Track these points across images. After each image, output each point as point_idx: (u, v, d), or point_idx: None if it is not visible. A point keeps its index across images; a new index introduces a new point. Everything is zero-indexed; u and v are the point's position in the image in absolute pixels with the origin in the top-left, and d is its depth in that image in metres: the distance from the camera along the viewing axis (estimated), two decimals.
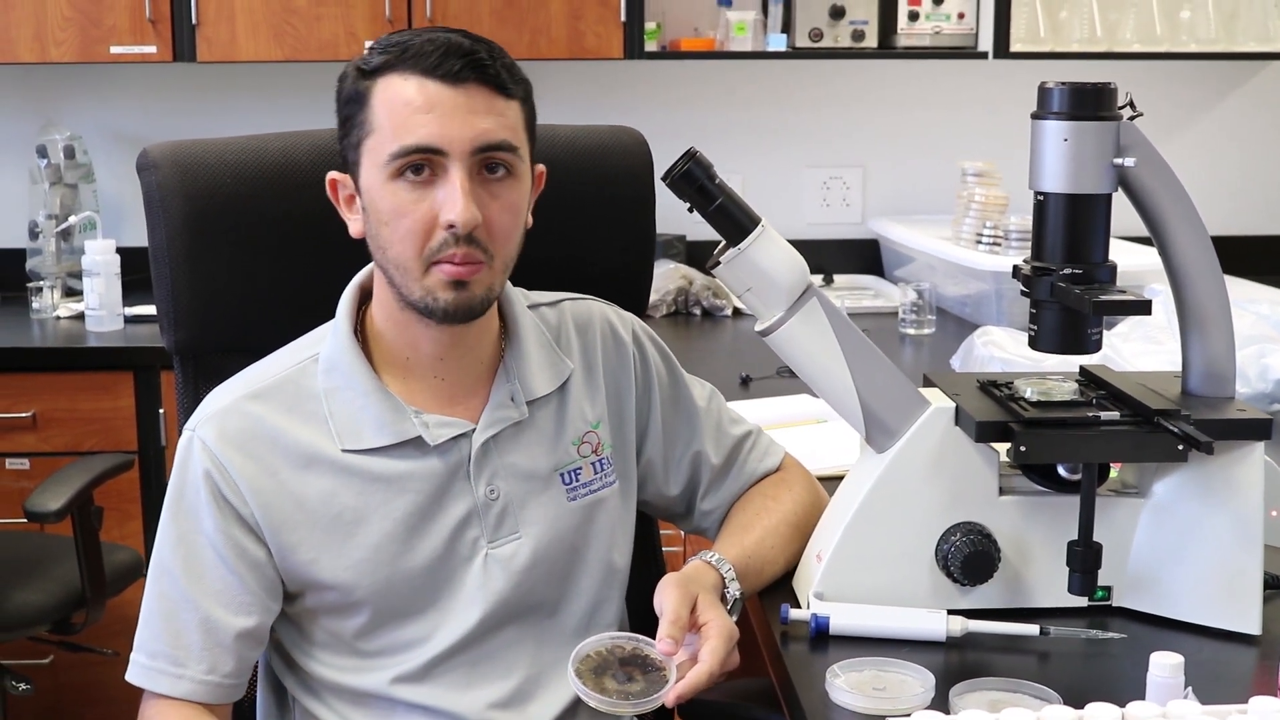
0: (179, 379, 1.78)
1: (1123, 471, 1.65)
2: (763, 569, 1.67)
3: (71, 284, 3.55)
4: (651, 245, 1.93)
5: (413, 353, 1.58)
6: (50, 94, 3.74)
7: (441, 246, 1.48)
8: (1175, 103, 3.91)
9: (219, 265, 1.74)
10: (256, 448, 1.55)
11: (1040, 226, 1.60)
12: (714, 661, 1.47)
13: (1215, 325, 1.61)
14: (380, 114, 1.49)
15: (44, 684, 3.17)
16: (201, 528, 1.54)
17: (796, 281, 1.56)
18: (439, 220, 1.48)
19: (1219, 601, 1.56)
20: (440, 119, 1.46)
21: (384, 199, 1.49)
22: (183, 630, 1.54)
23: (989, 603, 1.59)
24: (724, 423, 1.78)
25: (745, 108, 3.86)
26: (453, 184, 1.47)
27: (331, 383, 1.57)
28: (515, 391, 1.62)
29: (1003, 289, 3.14)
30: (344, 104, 1.54)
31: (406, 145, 1.47)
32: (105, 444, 3.19)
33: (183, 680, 1.54)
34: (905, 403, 1.59)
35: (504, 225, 1.51)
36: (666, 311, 3.47)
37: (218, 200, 1.72)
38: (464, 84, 1.47)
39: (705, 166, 1.53)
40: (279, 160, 1.75)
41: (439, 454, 1.58)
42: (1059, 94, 1.56)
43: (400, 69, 1.48)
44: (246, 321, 1.76)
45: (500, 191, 1.51)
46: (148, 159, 1.74)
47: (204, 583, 1.54)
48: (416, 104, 1.47)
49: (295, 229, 1.74)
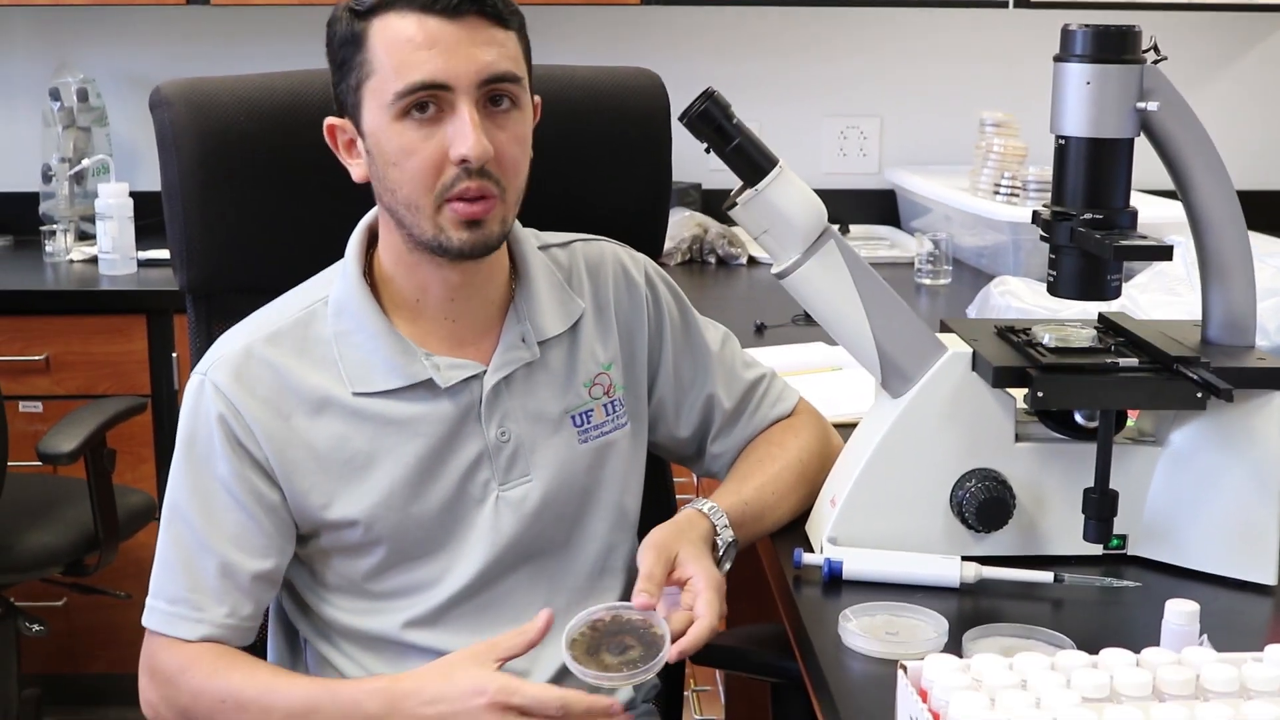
0: (191, 318, 1.78)
1: (1140, 419, 1.64)
2: (763, 515, 1.66)
3: (85, 227, 3.54)
4: (667, 188, 1.92)
5: (422, 294, 1.57)
6: (63, 37, 3.72)
7: (454, 181, 1.47)
8: (1197, 56, 3.87)
9: (232, 203, 1.73)
10: (268, 392, 1.54)
11: (1061, 171, 1.58)
12: (712, 615, 1.47)
13: (1236, 272, 1.60)
14: (380, 54, 1.47)
15: (58, 625, 3.19)
16: (216, 472, 1.54)
17: (814, 224, 1.54)
18: (449, 156, 1.46)
19: (1235, 551, 1.55)
20: (443, 54, 1.45)
21: (390, 140, 1.48)
22: (201, 575, 1.54)
23: (1003, 550, 1.58)
24: (737, 366, 1.77)
25: (762, 56, 3.82)
26: (462, 118, 1.45)
27: (341, 326, 1.56)
28: (526, 332, 1.61)
29: (1020, 240, 3.11)
30: (338, 47, 1.52)
31: (411, 83, 1.45)
32: (118, 387, 3.19)
33: (202, 624, 1.54)
34: (922, 347, 1.58)
35: (513, 156, 1.50)
36: (681, 259, 3.45)
37: (231, 138, 1.72)
38: (463, 17, 1.46)
39: (723, 106, 1.51)
40: (290, 99, 1.74)
41: (450, 396, 1.57)
42: (1082, 36, 1.54)
43: (396, 6, 1.46)
44: (259, 260, 1.75)
45: (506, 123, 1.50)
46: (160, 96, 1.73)
47: (220, 527, 1.54)
48: (417, 41, 1.45)
49: (308, 167, 1.72)
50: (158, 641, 1.56)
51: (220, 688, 1.51)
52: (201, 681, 1.52)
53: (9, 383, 3.11)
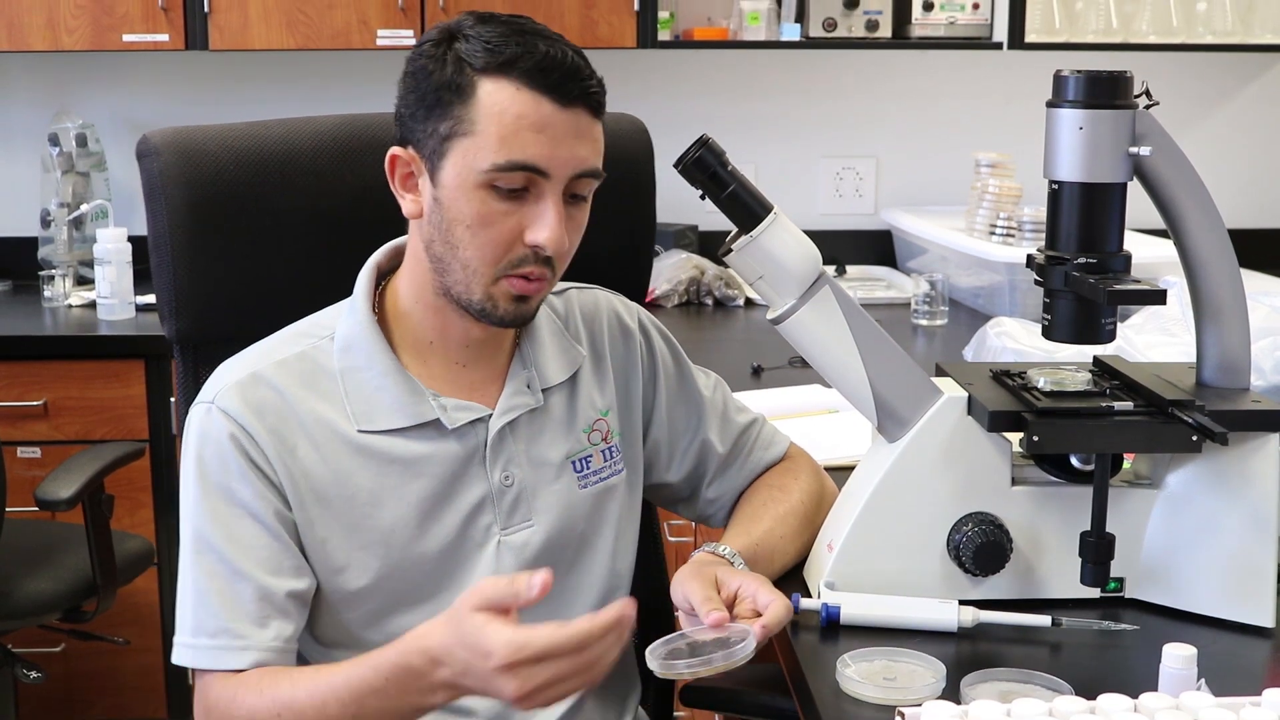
0: (180, 368, 1.76)
1: (1136, 462, 1.64)
2: (773, 558, 1.66)
3: (83, 272, 3.55)
4: (651, 232, 1.93)
5: (438, 338, 1.58)
6: (62, 82, 3.74)
7: (521, 261, 1.49)
8: (1191, 95, 3.89)
9: (221, 252, 1.72)
10: (275, 420, 1.53)
11: (1055, 216, 1.59)
12: (781, 598, 1.46)
13: (1230, 315, 1.60)
14: (486, 118, 1.45)
15: (55, 672, 3.18)
16: (237, 497, 1.51)
17: (809, 269, 1.55)
18: (524, 237, 1.48)
19: (1232, 593, 1.55)
20: (551, 141, 1.45)
21: (470, 203, 1.47)
22: (239, 602, 1.50)
23: (1001, 593, 1.58)
24: (729, 411, 1.78)
25: (758, 98, 3.85)
26: (548, 207, 1.47)
27: (348, 362, 1.56)
28: (532, 378, 1.62)
29: (1016, 280, 3.13)
30: (435, 88, 1.48)
31: (514, 160, 1.45)
32: (116, 432, 3.19)
33: (248, 651, 1.49)
34: (917, 392, 1.58)
35: (573, 245, 1.53)
36: (678, 301, 3.46)
37: (221, 187, 1.71)
38: (573, 105, 1.46)
39: (718, 153, 1.52)
40: (281, 147, 1.74)
41: (456, 438, 1.57)
42: (1075, 82, 1.55)
43: (514, 75, 1.45)
44: (249, 309, 1.74)
45: (576, 214, 1.52)
46: (149, 145, 1.72)
47: (250, 551, 1.51)
48: (530, 119, 1.45)
49: (298, 216, 1.73)
50: (206, 679, 1.51)
51: (272, 700, 1.46)
52: (254, 701, 1.47)
53: (7, 428, 3.11)
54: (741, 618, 1.48)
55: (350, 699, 1.43)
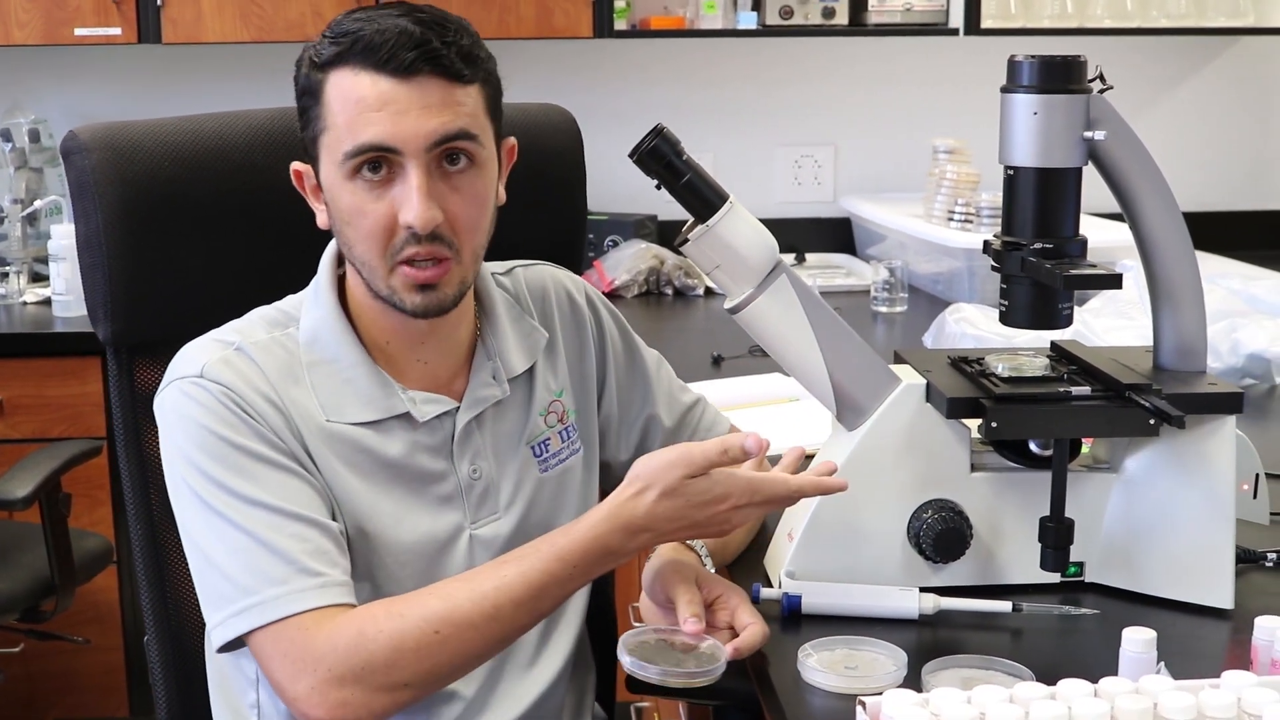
0: (113, 371, 1.71)
1: (1094, 447, 1.65)
2: (727, 545, 1.67)
3: (38, 269, 3.51)
4: (583, 222, 1.92)
5: (391, 338, 1.56)
6: (14, 77, 3.70)
7: (403, 246, 1.46)
8: (1146, 79, 3.91)
9: (156, 252, 1.66)
10: (267, 390, 1.49)
11: (1010, 201, 1.59)
12: (760, 620, 1.46)
13: (1186, 299, 1.61)
14: (334, 110, 1.45)
15: (15, 672, 3.15)
16: (254, 452, 1.45)
17: (765, 258, 1.54)
18: (399, 220, 1.45)
19: (1191, 576, 1.55)
20: (392, 116, 1.43)
21: (343, 197, 1.47)
22: (296, 544, 1.42)
23: (961, 580, 1.58)
24: (674, 389, 1.79)
25: (716, 86, 3.84)
26: (409, 183, 1.44)
27: (315, 355, 1.53)
28: (496, 369, 1.61)
29: (975, 266, 3.13)
30: (300, 95, 1.50)
31: (360, 144, 1.43)
32: (74, 430, 3.16)
33: (328, 587, 1.40)
34: (876, 380, 1.58)
35: (469, 217, 1.48)
36: (638, 291, 3.45)
37: (157, 184, 1.66)
38: (416, 76, 1.43)
39: (672, 143, 1.51)
40: (217, 142, 1.70)
41: (426, 431, 1.56)
42: (1028, 67, 1.55)
43: (351, 62, 1.44)
44: (184, 309, 1.68)
45: (462, 183, 1.48)
46: (77, 142, 1.65)
47: (298, 495, 1.44)
48: (369, 101, 1.43)
49: (237, 212, 1.69)
50: (291, 628, 1.38)
51: (419, 620, 1.38)
52: (395, 625, 1.38)
53: None
54: (714, 626, 1.48)
55: (528, 596, 1.41)
